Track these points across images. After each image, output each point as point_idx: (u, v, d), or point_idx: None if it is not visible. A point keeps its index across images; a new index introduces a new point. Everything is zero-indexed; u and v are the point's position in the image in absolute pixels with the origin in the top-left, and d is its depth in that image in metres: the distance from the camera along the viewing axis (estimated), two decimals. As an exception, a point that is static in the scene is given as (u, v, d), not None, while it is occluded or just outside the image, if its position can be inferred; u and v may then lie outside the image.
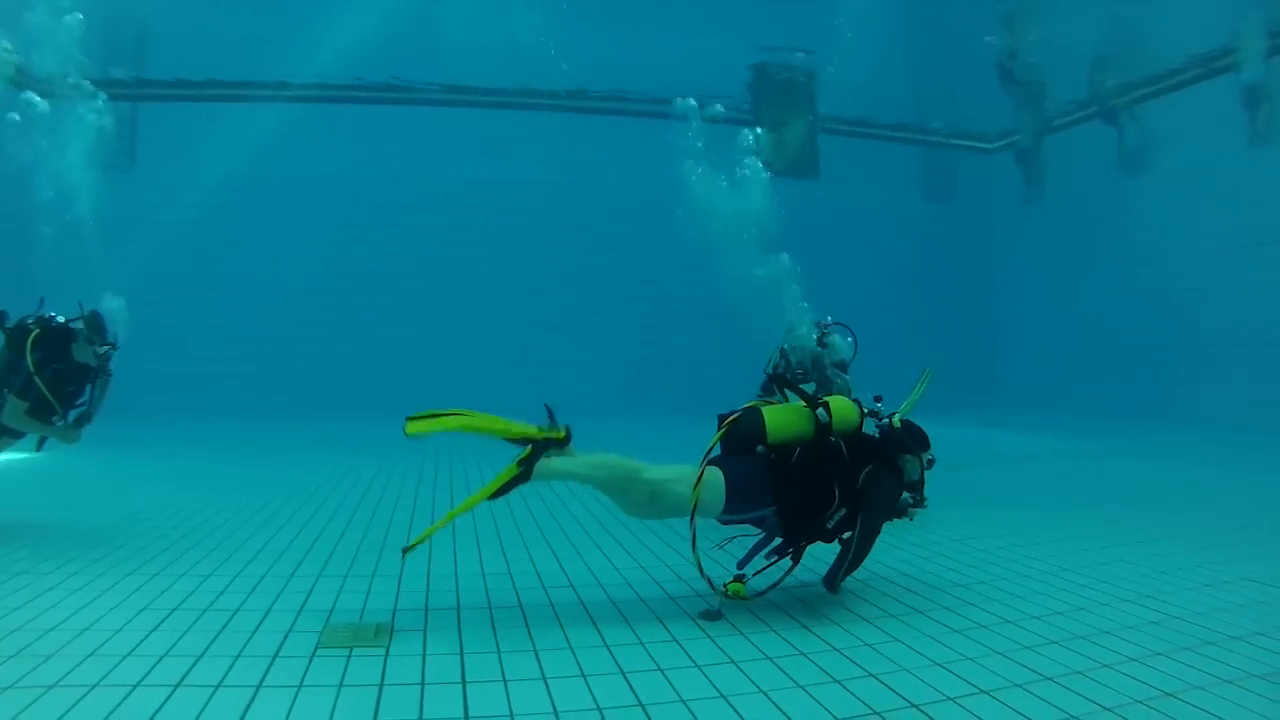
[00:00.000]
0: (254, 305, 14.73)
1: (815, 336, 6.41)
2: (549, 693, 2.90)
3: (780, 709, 2.81)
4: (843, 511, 3.97)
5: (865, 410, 4.17)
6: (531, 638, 3.46)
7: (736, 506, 3.90)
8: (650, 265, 16.11)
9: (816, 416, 3.98)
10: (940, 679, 3.10)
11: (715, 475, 3.86)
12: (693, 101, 15.55)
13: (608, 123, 16.24)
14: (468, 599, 3.99)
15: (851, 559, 3.92)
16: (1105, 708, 2.84)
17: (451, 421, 3.80)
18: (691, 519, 3.78)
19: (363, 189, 15.29)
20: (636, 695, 2.89)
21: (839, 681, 3.06)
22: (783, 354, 6.38)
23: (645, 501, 3.88)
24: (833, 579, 3.95)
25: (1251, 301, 13.30)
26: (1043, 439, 12.12)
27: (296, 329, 14.74)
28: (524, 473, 3.79)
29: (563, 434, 3.86)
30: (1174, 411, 13.69)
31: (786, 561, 4.11)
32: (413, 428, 3.74)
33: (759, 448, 3.96)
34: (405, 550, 3.73)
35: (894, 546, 5.10)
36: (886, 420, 4.27)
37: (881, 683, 3.06)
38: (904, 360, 16.71)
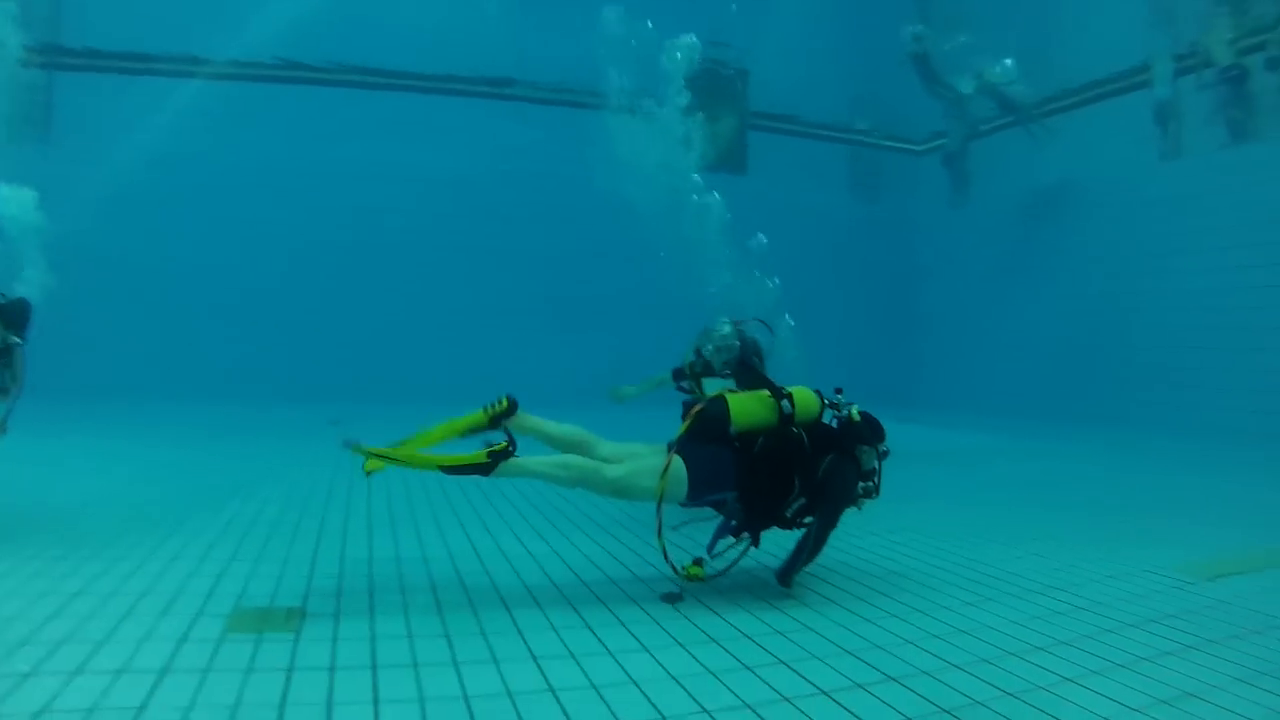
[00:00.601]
0: (176, 286, 14.34)
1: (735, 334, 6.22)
2: (459, 677, 2.91)
3: (692, 696, 2.86)
4: (801, 500, 4.08)
5: (826, 402, 4.24)
6: (444, 622, 3.46)
7: (699, 491, 4.00)
8: (581, 255, 16.10)
9: (781, 407, 4.06)
10: (850, 666, 3.18)
11: (678, 466, 3.94)
12: (624, 94, 15.62)
13: (538, 111, 16.14)
14: (381, 583, 3.98)
15: (809, 552, 4.06)
16: (1009, 693, 2.96)
17: (400, 456, 3.83)
18: (658, 510, 3.88)
19: (288, 170, 14.95)
20: (547, 680, 2.92)
21: (749, 668, 3.12)
22: (697, 352, 6.24)
23: (611, 494, 4.02)
24: (787, 574, 4.08)
25: (1165, 306, 13.81)
26: (961, 436, 12.43)
27: (220, 311, 14.41)
28: (490, 464, 3.79)
29: (506, 405, 3.97)
30: (1093, 412, 14.12)
31: (742, 545, 4.20)
32: (370, 465, 3.82)
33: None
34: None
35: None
36: (845, 412, 4.31)
37: (792, 669, 3.12)
38: (829, 356, 17.06)
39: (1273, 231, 12.33)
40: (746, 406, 4.08)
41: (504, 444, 3.83)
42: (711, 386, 5.80)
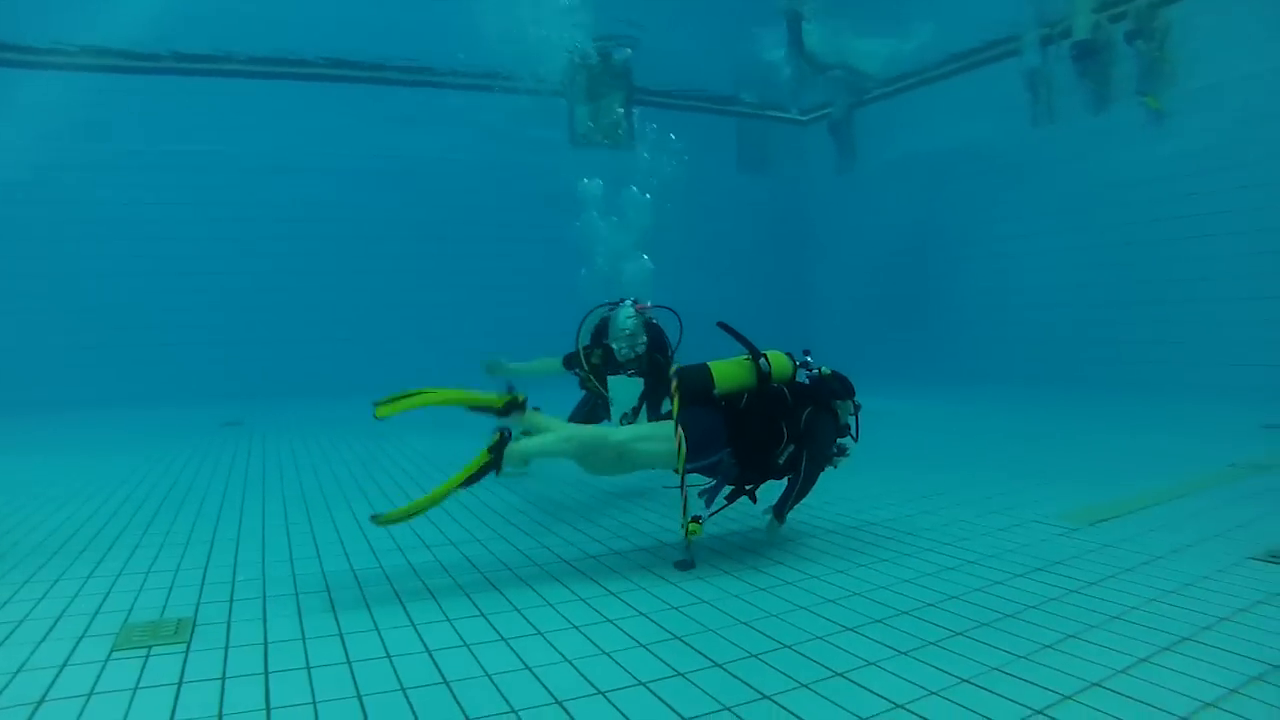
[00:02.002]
0: (65, 291, 13.76)
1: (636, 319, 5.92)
2: (353, 676, 2.87)
3: (586, 677, 2.88)
4: (791, 448, 4.37)
5: (797, 363, 4.50)
6: (338, 622, 3.41)
7: (696, 454, 4.15)
8: (478, 241, 15.98)
9: (759, 366, 4.32)
10: (744, 636, 3.22)
11: (665, 426, 4.22)
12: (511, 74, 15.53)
13: (419, 95, 15.89)
14: (274, 588, 3.89)
15: (799, 490, 4.40)
16: (901, 652, 3.04)
17: (415, 400, 3.97)
18: (681, 482, 4.09)
19: (185, 165, 14.45)
20: (441, 673, 2.90)
21: (644, 646, 3.15)
22: (595, 340, 6.02)
23: (612, 460, 4.25)
24: (781, 508, 4.44)
25: (1042, 266, 14.38)
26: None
27: (114, 314, 13.87)
28: (493, 460, 3.93)
29: (522, 398, 4.15)
30: (977, 371, 14.60)
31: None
32: (381, 411, 3.94)
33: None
34: (376, 520, 3.83)
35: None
36: (816, 370, 4.58)
37: (686, 644, 3.16)
38: (711, 328, 17.23)
39: (1127, 193, 12.98)
40: (727, 370, 4.31)
41: (497, 436, 3.96)
42: (617, 385, 5.70)
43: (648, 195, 12.68)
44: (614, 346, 5.81)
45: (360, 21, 15.15)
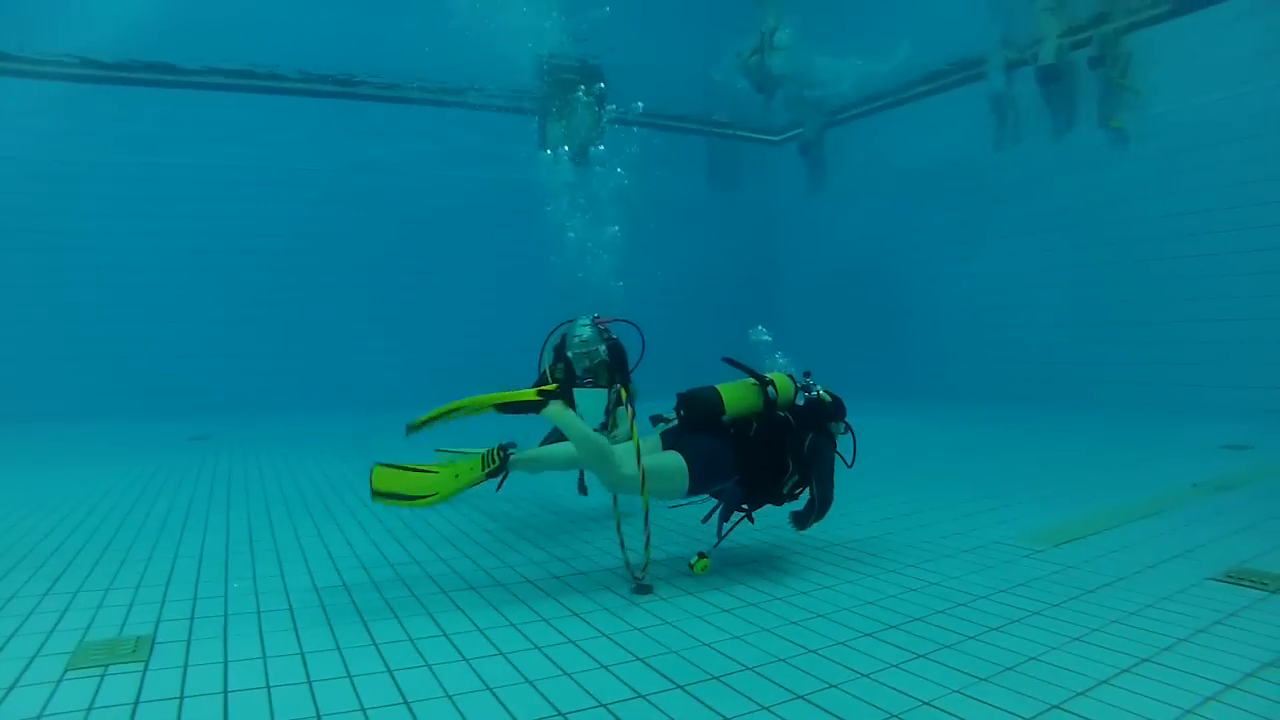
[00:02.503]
0: (29, 300, 13.55)
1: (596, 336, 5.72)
2: (313, 696, 2.84)
3: (547, 699, 2.87)
4: (795, 476, 4.39)
5: (797, 385, 4.56)
6: (299, 641, 3.38)
7: (702, 484, 4.24)
8: (450, 257, 15.96)
9: (766, 393, 4.37)
10: (706, 658, 3.22)
11: (678, 461, 4.14)
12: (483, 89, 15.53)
13: (382, 110, 15.88)
14: (236, 606, 3.85)
15: (819, 511, 4.48)
16: (862, 674, 3.04)
17: (446, 412, 4.00)
18: (645, 517, 3.96)
19: (150, 177, 14.29)
20: (402, 693, 2.88)
21: (605, 667, 3.14)
22: (556, 354, 5.82)
23: (611, 485, 4.15)
24: (804, 522, 4.53)
25: (1009, 286, 14.57)
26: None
27: (78, 326, 13.69)
28: (501, 465, 3.99)
29: (554, 386, 4.25)
30: (946, 390, 14.74)
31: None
32: (413, 427, 4.03)
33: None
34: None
35: (668, 529, 5.28)
36: (815, 392, 4.62)
37: (649, 665, 3.15)
38: (694, 346, 17.25)
39: (1094, 214, 13.21)
40: (736, 394, 4.35)
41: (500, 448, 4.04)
42: (583, 398, 5.62)
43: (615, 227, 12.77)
44: (570, 356, 5.69)
45: (333, 35, 15.09)
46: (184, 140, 14.36)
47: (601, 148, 15.90)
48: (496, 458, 3.99)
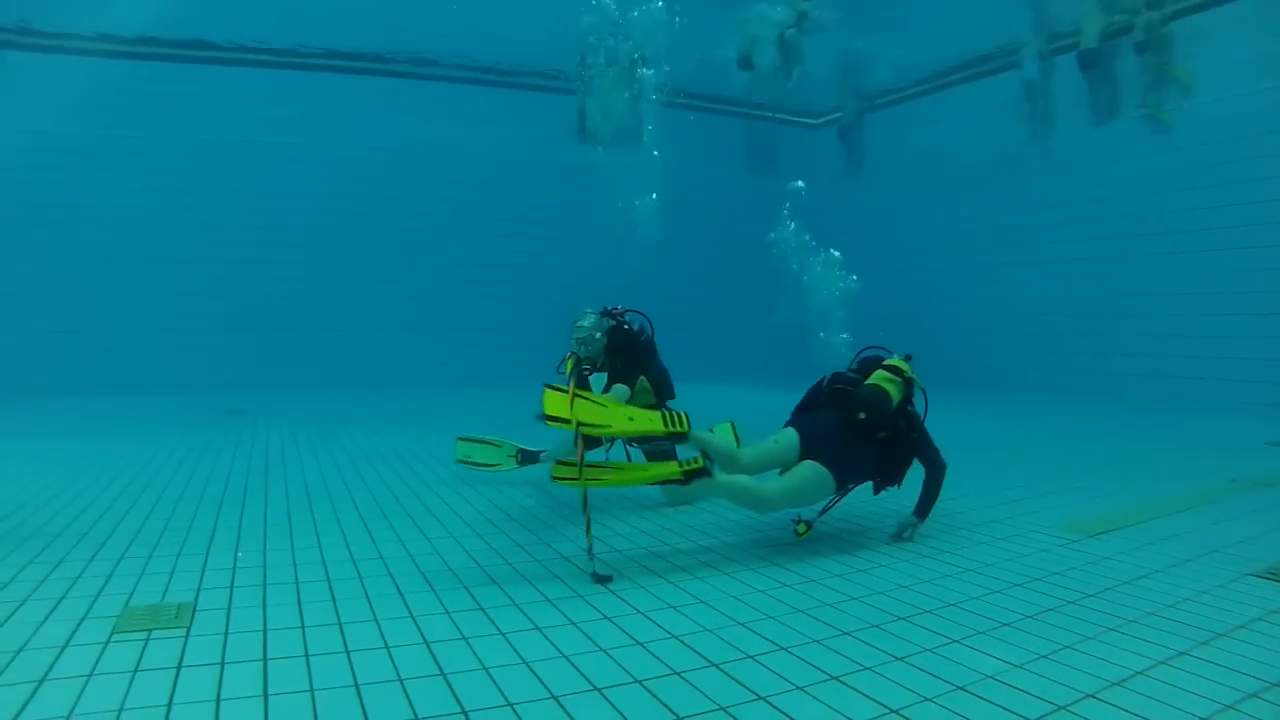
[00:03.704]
0: (68, 275, 13.70)
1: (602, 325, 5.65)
2: (351, 665, 2.88)
3: (581, 672, 2.89)
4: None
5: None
6: (337, 611, 3.43)
7: (843, 489, 4.55)
8: (483, 235, 15.99)
9: (907, 385, 4.72)
10: (740, 637, 3.23)
11: (823, 475, 4.38)
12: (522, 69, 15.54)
13: (425, 88, 15.88)
14: (275, 576, 3.91)
15: (935, 492, 4.75)
16: (896, 657, 3.05)
17: (587, 481, 4.03)
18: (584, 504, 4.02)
19: (186, 153, 14.39)
20: (439, 664, 2.91)
21: (641, 644, 3.16)
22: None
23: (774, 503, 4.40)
24: (924, 510, 4.75)
25: (1046, 275, 14.48)
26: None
27: (117, 300, 13.84)
28: (683, 479, 4.18)
29: (699, 464, 4.25)
30: (984, 378, 14.62)
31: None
32: (560, 478, 4.06)
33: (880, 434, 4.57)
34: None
35: (676, 514, 5.29)
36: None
37: (683, 643, 3.17)
38: (728, 327, 17.23)
39: (1135, 205, 13.02)
40: (892, 388, 4.62)
41: (699, 462, 4.22)
42: (599, 383, 5.61)
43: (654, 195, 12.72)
44: (571, 344, 5.62)
45: (363, 11, 15.12)
46: (224, 117, 14.47)
47: (647, 127, 15.88)
48: (682, 421, 4.20)
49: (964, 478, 6.52)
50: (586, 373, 5.51)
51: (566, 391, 4.02)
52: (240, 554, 4.24)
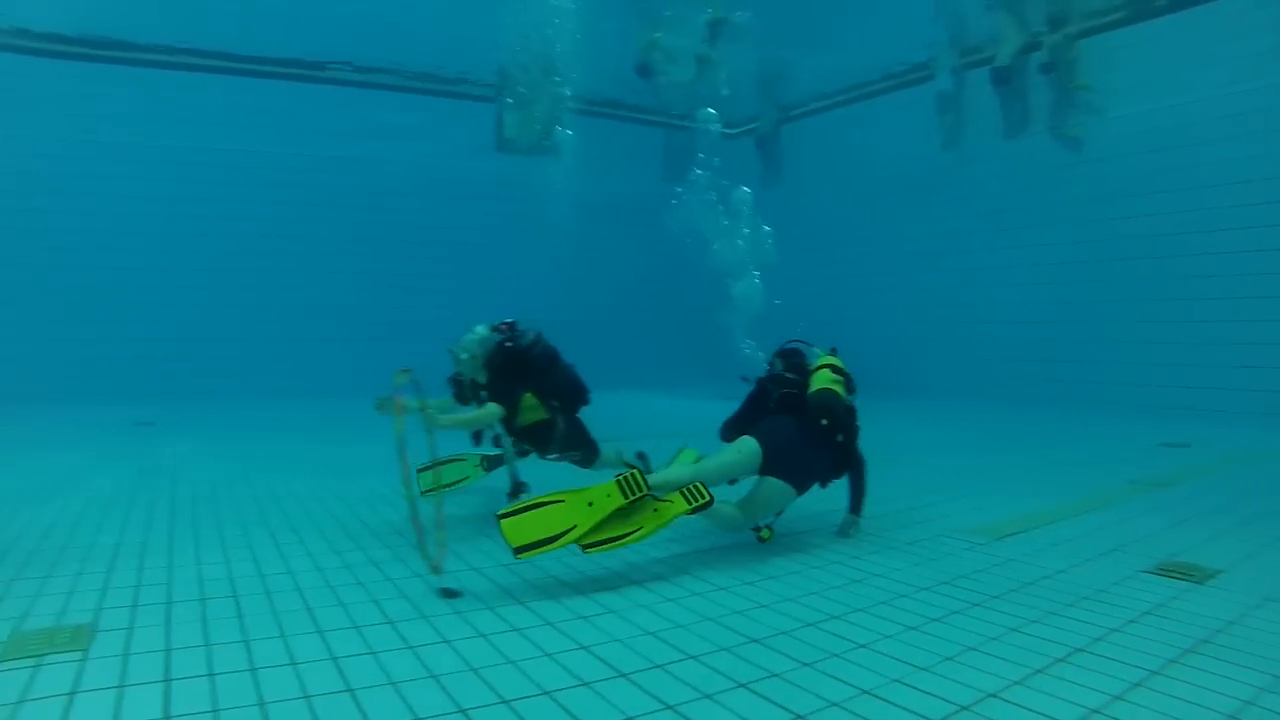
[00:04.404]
0: None
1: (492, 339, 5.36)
2: (257, 684, 2.83)
3: (491, 685, 2.88)
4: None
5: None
6: (243, 628, 3.36)
7: (802, 493, 4.70)
8: (401, 243, 15.82)
9: (848, 384, 4.94)
10: (650, 647, 3.25)
11: (781, 488, 4.57)
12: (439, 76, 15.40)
13: (346, 95, 15.66)
14: (181, 593, 3.81)
15: (865, 489, 5.01)
16: (804, 663, 3.09)
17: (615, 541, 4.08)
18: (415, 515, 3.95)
19: (95, 156, 13.93)
20: (346, 680, 2.88)
21: (550, 655, 3.16)
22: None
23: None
24: (860, 507, 5.01)
25: (957, 283, 14.90)
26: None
27: (23, 307, 13.34)
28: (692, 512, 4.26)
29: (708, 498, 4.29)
30: (895, 384, 14.88)
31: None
32: (588, 545, 4.02)
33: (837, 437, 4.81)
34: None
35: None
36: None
37: (592, 654, 3.18)
38: (645, 337, 17.27)
39: (1043, 214, 13.53)
40: (839, 388, 4.82)
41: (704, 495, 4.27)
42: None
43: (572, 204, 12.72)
44: (456, 353, 5.36)
45: (287, 15, 14.86)
46: (134, 119, 14.05)
47: (566, 132, 15.84)
48: (639, 484, 4.10)
49: (877, 483, 6.64)
50: (466, 385, 5.36)
51: (518, 511, 3.99)
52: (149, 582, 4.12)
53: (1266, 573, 4.22)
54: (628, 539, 4.05)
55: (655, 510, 4.16)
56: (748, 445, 4.60)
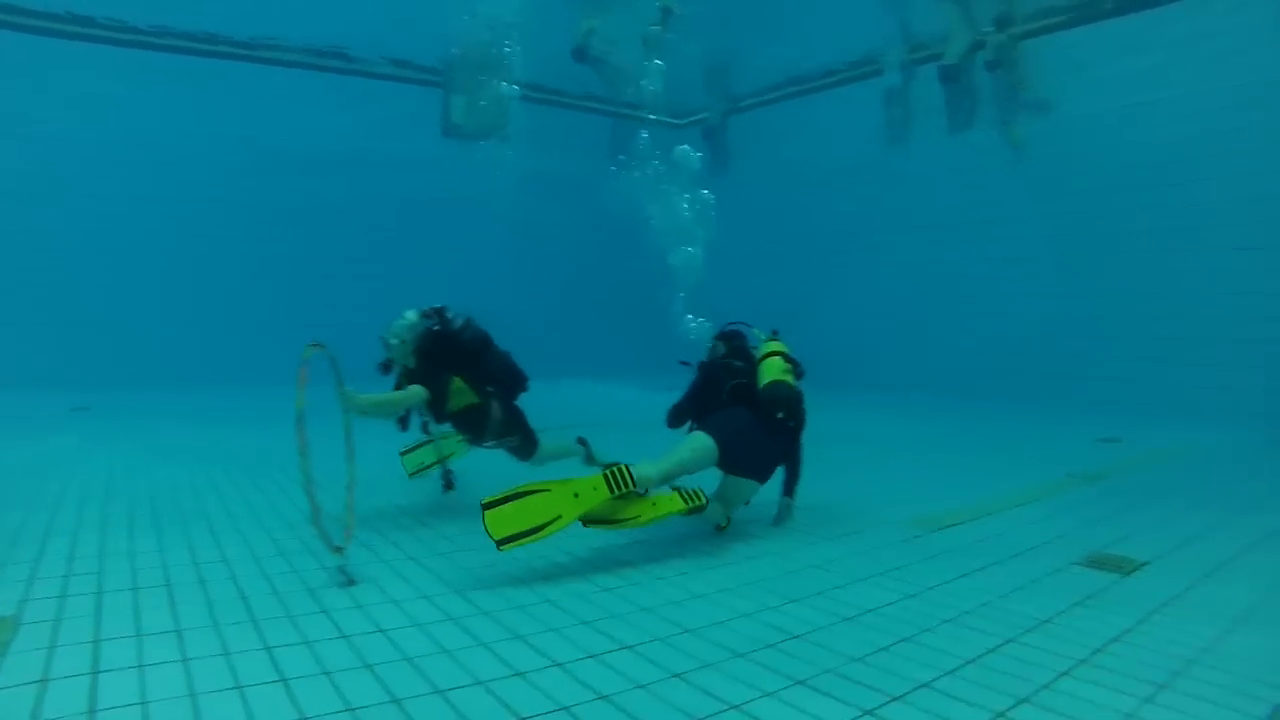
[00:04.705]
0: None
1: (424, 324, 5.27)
2: (189, 674, 2.79)
3: (425, 674, 2.87)
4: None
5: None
6: (176, 617, 3.30)
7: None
8: (339, 228, 15.63)
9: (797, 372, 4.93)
10: (586, 636, 3.26)
11: (748, 485, 4.77)
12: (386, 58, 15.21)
13: (285, 75, 15.35)
14: (111, 582, 3.74)
15: (799, 473, 5.10)
16: (738, 654, 3.12)
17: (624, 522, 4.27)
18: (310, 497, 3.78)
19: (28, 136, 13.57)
20: (280, 671, 2.85)
21: (486, 645, 3.15)
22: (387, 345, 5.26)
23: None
24: (794, 489, 5.09)
25: (900, 276, 15.14)
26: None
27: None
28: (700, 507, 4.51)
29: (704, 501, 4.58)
30: (838, 377, 15.06)
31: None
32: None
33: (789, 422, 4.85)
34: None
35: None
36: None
37: (528, 644, 3.18)
38: (589, 326, 17.24)
39: (983, 211, 13.73)
40: (792, 382, 4.82)
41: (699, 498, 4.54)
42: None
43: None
44: (389, 339, 5.26)
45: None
46: (56, 99, 13.64)
47: (512, 122, 15.73)
48: (626, 480, 4.15)
49: (816, 476, 6.70)
50: (395, 371, 5.27)
51: (502, 500, 3.98)
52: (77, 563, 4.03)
53: (1188, 564, 4.34)
54: (627, 524, 4.18)
55: (654, 503, 4.27)
56: (702, 442, 4.55)
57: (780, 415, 4.67)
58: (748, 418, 4.70)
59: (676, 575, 4.06)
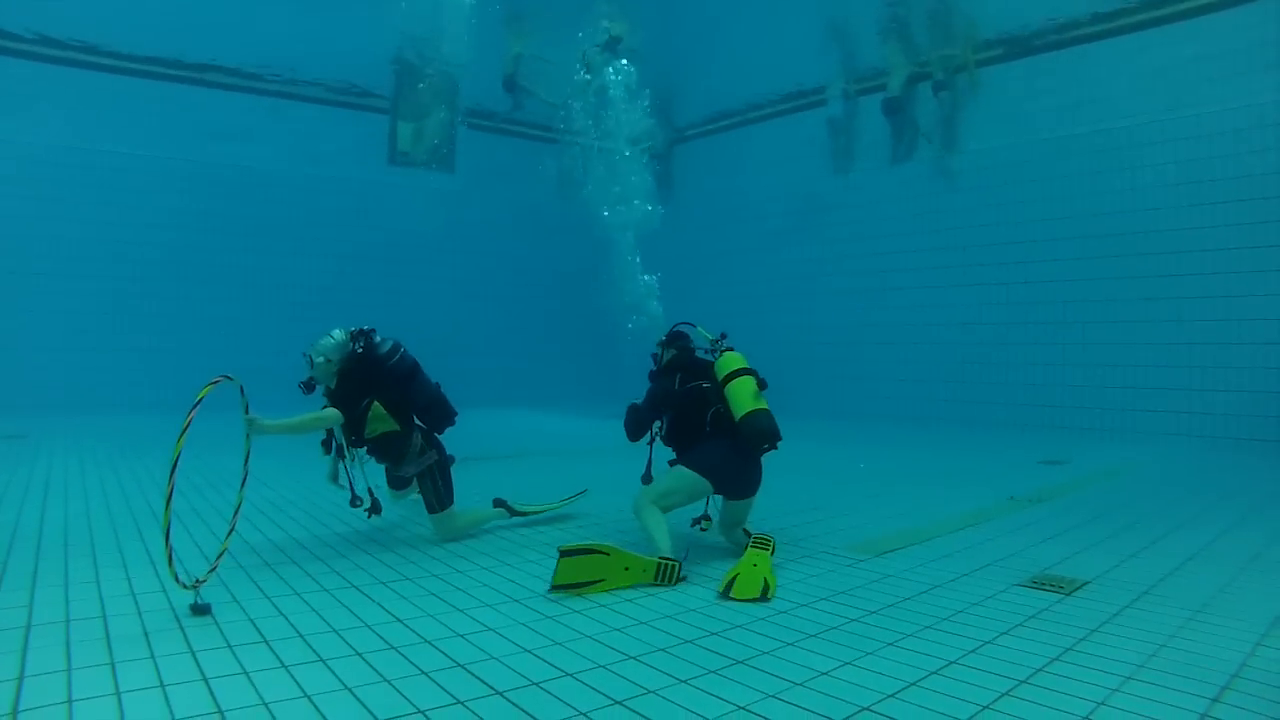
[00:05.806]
0: None
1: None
2: (121, 709, 2.72)
3: (366, 706, 2.83)
4: None
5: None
6: (110, 651, 3.23)
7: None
8: (286, 255, 15.44)
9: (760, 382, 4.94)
10: (527, 665, 3.24)
11: (747, 504, 5.02)
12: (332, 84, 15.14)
13: (230, 100, 15.17)
14: (41, 615, 3.64)
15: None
16: (680, 680, 3.11)
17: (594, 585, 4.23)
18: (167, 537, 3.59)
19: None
20: (217, 702, 2.79)
21: (426, 674, 3.12)
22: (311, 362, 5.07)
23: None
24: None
25: (845, 305, 15.32)
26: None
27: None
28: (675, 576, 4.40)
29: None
30: (792, 406, 15.16)
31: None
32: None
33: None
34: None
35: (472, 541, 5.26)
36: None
37: (469, 672, 3.15)
38: (537, 353, 17.20)
39: (925, 239, 14.02)
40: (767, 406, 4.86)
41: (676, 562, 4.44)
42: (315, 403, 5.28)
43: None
44: (314, 356, 5.08)
45: (159, 12, 14.30)
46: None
47: (459, 150, 15.72)
48: (673, 575, 4.33)
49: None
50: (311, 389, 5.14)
51: (579, 552, 4.21)
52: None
53: (1127, 583, 4.41)
54: (592, 587, 4.18)
55: (626, 570, 4.28)
56: (692, 482, 4.74)
57: (766, 448, 4.76)
58: (732, 449, 4.80)
59: (619, 602, 4.05)
